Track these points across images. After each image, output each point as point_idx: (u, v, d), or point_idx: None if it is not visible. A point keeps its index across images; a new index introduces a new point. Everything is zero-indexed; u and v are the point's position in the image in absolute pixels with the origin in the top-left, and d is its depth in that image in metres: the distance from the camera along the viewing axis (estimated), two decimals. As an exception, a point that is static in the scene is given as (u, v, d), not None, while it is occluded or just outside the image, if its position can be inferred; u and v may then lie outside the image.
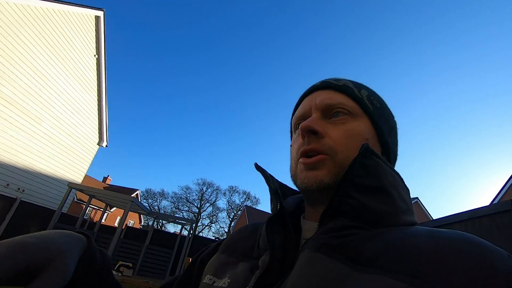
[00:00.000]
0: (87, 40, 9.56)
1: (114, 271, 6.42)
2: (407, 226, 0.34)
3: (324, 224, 0.35)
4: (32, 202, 7.74)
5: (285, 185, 0.52)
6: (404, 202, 0.37)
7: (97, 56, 10.10)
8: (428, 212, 19.75)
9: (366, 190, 0.34)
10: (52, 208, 8.13)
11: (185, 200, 35.13)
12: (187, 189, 35.76)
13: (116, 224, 25.17)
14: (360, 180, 0.34)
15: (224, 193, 36.89)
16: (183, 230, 9.72)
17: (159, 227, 30.10)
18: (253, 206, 34.01)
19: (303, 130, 0.40)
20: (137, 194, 28.92)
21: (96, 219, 20.90)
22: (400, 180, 0.39)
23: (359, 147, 0.36)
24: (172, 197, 35.33)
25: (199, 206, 34.96)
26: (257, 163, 0.47)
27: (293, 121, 0.49)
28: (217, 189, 36.60)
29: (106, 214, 23.25)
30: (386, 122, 0.45)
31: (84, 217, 8.42)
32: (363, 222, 0.34)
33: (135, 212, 8.97)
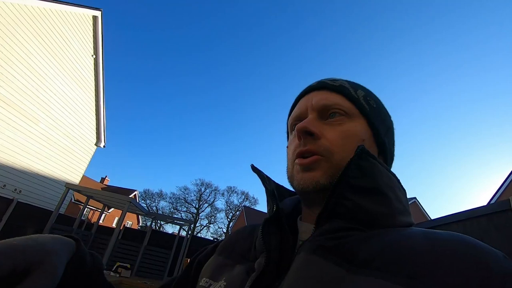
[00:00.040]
0: (84, 40, 9.53)
1: (112, 272, 6.41)
2: (403, 227, 0.34)
3: (320, 226, 0.35)
4: (29, 203, 7.69)
5: (282, 186, 0.51)
6: (400, 203, 0.37)
7: (94, 56, 10.07)
8: (426, 212, 19.81)
9: (362, 191, 0.34)
10: (50, 209, 8.09)
11: (183, 201, 35.15)
12: (185, 189, 35.82)
13: (114, 225, 25.05)
14: (355, 181, 0.34)
15: (223, 193, 36.95)
16: (181, 231, 9.72)
17: (157, 227, 30.07)
18: (251, 207, 33.97)
19: (299, 131, 0.40)
20: (135, 195, 28.80)
21: (94, 220, 20.83)
22: (396, 181, 0.39)
23: (356, 148, 0.36)
24: (170, 197, 35.41)
25: (197, 206, 34.94)
26: (253, 165, 0.47)
27: (289, 122, 0.49)
28: (215, 189, 36.67)
29: (104, 215, 23.18)
30: (383, 123, 0.45)
31: (82, 218, 8.38)
32: (359, 224, 0.34)
33: (133, 212, 8.95)
